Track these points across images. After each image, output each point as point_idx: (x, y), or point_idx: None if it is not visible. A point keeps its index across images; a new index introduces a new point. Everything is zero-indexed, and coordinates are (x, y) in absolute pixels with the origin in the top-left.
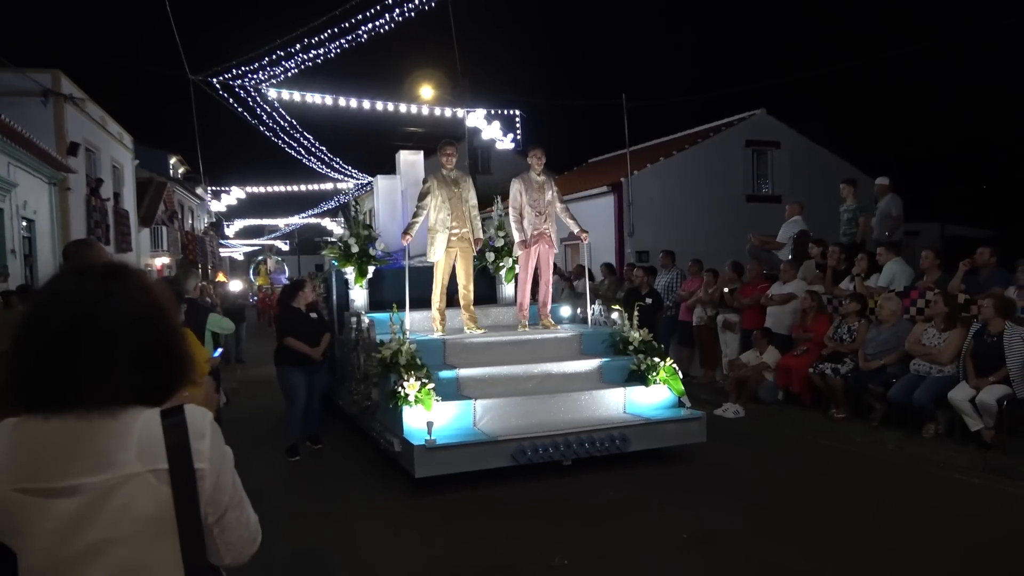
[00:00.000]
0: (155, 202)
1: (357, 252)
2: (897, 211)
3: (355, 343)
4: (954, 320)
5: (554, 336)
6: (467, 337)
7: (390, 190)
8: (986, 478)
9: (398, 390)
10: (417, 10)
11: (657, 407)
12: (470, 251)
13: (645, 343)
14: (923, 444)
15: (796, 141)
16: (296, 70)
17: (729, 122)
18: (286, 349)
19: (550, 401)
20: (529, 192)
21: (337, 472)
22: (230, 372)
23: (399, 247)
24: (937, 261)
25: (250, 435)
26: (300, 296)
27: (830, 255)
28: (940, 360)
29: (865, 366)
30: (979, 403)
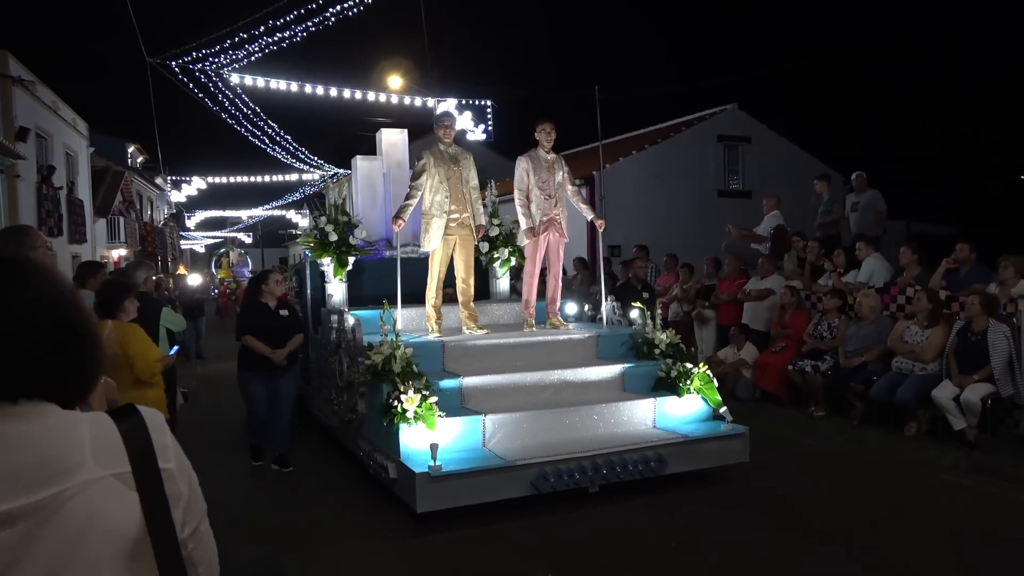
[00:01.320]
0: (112, 192)
1: (335, 241)
2: (881, 207)
3: (336, 345)
4: (937, 317)
5: (568, 338)
6: (468, 339)
7: (370, 172)
8: (971, 478)
9: (394, 404)
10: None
11: (690, 420)
12: (471, 239)
13: (673, 346)
14: (905, 443)
15: (767, 137)
16: (260, 54)
17: (701, 117)
18: (246, 350)
19: (570, 415)
20: (537, 172)
21: (314, 502)
22: (189, 369)
23: (380, 235)
24: (915, 257)
25: (209, 441)
26: (266, 289)
27: (808, 250)
28: (923, 358)
29: (846, 363)
30: (963, 401)
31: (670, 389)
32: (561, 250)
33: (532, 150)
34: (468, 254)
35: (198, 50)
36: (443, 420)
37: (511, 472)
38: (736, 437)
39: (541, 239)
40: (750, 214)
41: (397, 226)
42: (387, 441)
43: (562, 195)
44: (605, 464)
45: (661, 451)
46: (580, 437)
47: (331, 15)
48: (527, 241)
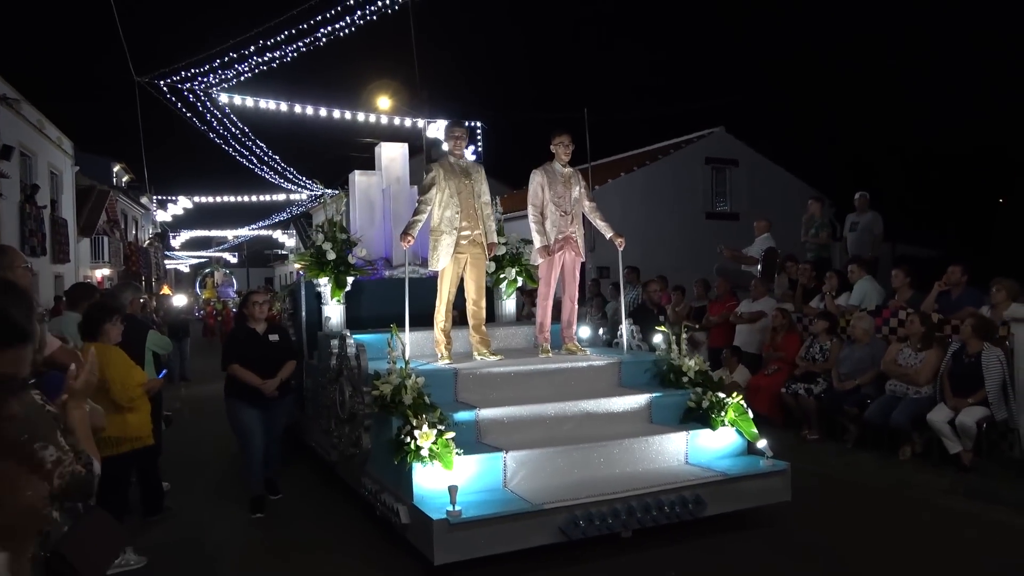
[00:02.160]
0: (96, 211)
1: (333, 260)
2: (879, 229)
3: (337, 372)
4: (930, 340)
5: (588, 365)
6: (482, 366)
7: (368, 188)
8: (968, 502)
9: (406, 441)
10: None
11: (725, 455)
12: (482, 258)
13: (702, 374)
14: (900, 467)
15: (754, 159)
16: (249, 74)
17: (689, 139)
18: (232, 380)
19: (596, 451)
20: (553, 187)
21: (312, 547)
22: (173, 391)
23: (380, 254)
24: (907, 280)
25: (194, 470)
26: (248, 313)
27: (800, 272)
28: (917, 381)
29: (840, 386)
30: (958, 425)
31: (701, 421)
32: (577, 270)
33: (547, 163)
34: (480, 274)
35: (187, 69)
36: (460, 458)
37: (539, 517)
38: (777, 474)
39: (556, 258)
40: (738, 236)
41: (406, 243)
42: (397, 481)
43: (578, 211)
44: (640, 506)
45: (699, 491)
46: (608, 475)
47: (322, 35)
48: (541, 260)
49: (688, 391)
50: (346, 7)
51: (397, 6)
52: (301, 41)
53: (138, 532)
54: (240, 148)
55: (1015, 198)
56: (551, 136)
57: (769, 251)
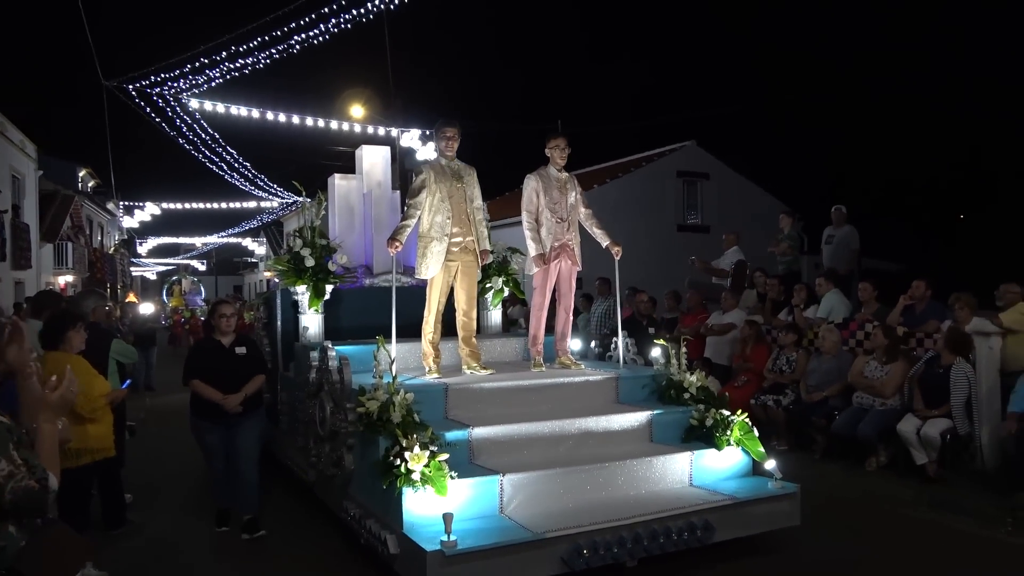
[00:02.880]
0: (60, 216)
1: (312, 267)
2: (855, 243)
3: (317, 387)
4: (895, 353)
5: (585, 380)
6: (473, 381)
7: (348, 193)
8: (933, 512)
9: (395, 463)
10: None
11: (731, 476)
12: (474, 266)
13: (704, 390)
14: (867, 477)
15: (724, 173)
16: (220, 79)
17: (661, 153)
18: (196, 396)
19: (597, 473)
20: (548, 192)
21: (286, 574)
22: (138, 401)
23: (360, 261)
24: (875, 293)
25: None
26: (214, 324)
27: (769, 287)
28: (883, 393)
29: (808, 398)
30: (923, 436)
31: (705, 440)
32: (573, 280)
33: (542, 168)
34: (471, 283)
35: (156, 74)
36: (453, 482)
37: (540, 547)
38: (786, 497)
39: (552, 267)
40: (709, 248)
41: (393, 249)
42: (385, 506)
43: (575, 218)
44: (646, 533)
45: (707, 516)
46: (611, 499)
47: (295, 43)
48: (536, 269)
49: (690, 408)
50: (320, 15)
51: (372, 15)
52: (274, 48)
53: (100, 546)
54: (210, 154)
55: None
56: (546, 139)
57: (739, 264)
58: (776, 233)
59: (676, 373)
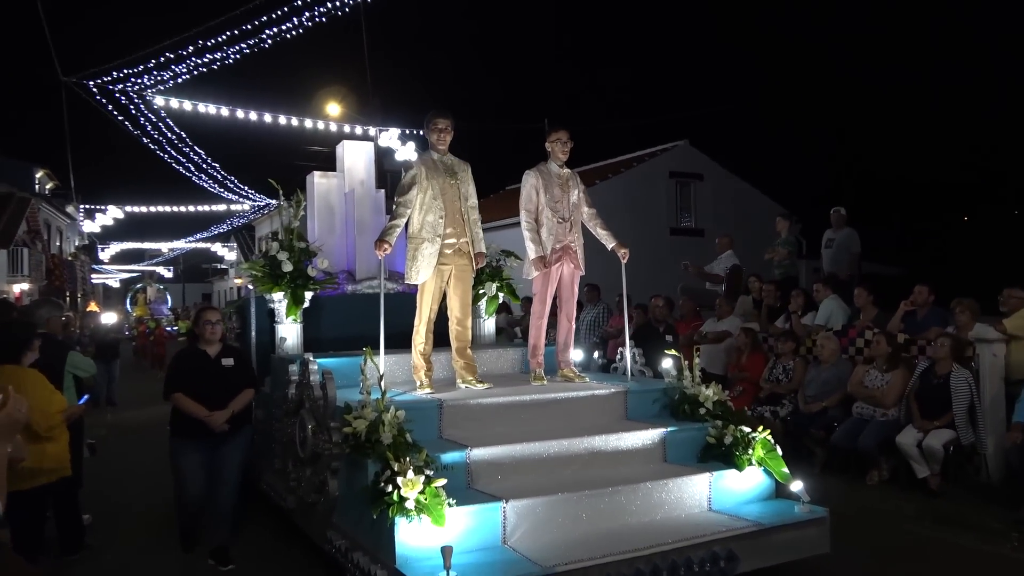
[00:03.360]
0: (15, 220)
1: (290, 272)
2: (856, 247)
3: (296, 404)
4: (896, 361)
5: (591, 394)
6: (469, 396)
7: (328, 192)
8: (937, 528)
9: (387, 490)
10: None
11: (752, 499)
12: (469, 270)
13: (721, 405)
14: (868, 492)
15: (719, 174)
16: (187, 76)
17: (652, 152)
18: (177, 413)
19: (608, 498)
20: (549, 190)
21: None
22: (99, 417)
23: (341, 266)
24: (871, 299)
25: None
26: (199, 333)
27: (764, 292)
28: (884, 403)
29: (806, 408)
30: (925, 448)
31: (724, 460)
32: (576, 285)
33: (541, 164)
34: (466, 289)
35: (119, 69)
36: (451, 509)
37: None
38: (815, 522)
39: (553, 271)
40: (703, 252)
41: (382, 252)
42: (375, 538)
43: (577, 218)
44: (665, 565)
45: (732, 544)
46: (624, 527)
47: (267, 37)
48: (536, 273)
49: (706, 424)
50: (294, 8)
51: (348, 7)
52: (244, 42)
53: (55, 573)
54: (177, 155)
55: (978, 216)
56: (547, 132)
57: (734, 268)
58: (773, 237)
59: (690, 386)
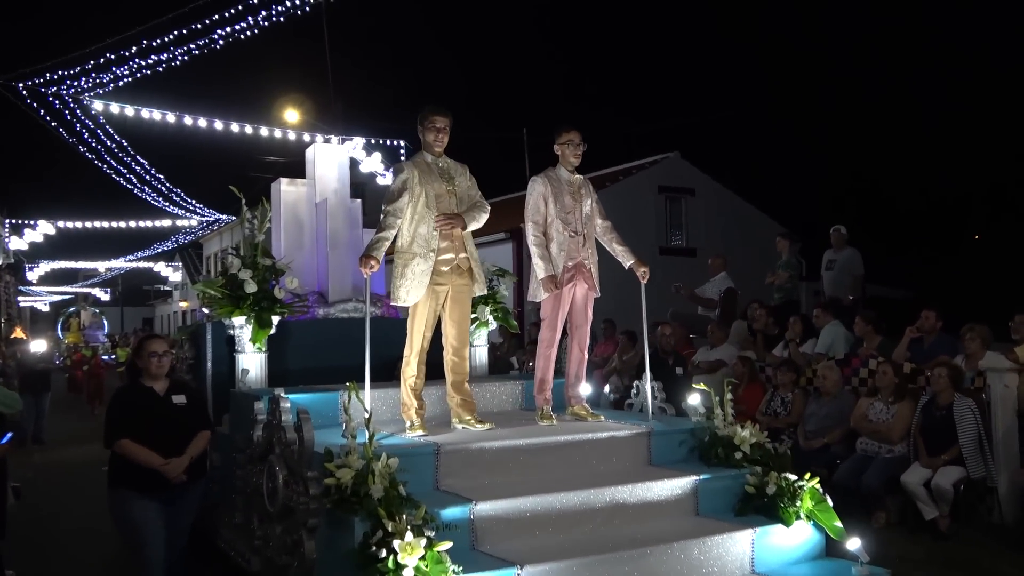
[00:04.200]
0: None
1: (254, 293)
2: (859, 269)
3: (264, 448)
4: (902, 392)
5: (610, 436)
6: (470, 439)
7: (296, 202)
8: (948, 574)
9: (379, 555)
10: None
11: (801, 559)
12: (468, 291)
13: (760, 448)
14: (874, 535)
15: (712, 189)
16: (129, 79)
17: (640, 165)
18: (121, 461)
19: (637, 562)
20: (559, 199)
21: None
22: (25, 457)
23: (311, 287)
24: (870, 327)
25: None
26: (142, 366)
27: (758, 317)
28: (889, 438)
29: (807, 445)
30: (934, 487)
31: (766, 512)
32: (590, 309)
33: (549, 169)
34: (464, 313)
35: (53, 71)
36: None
37: None
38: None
39: (565, 293)
40: (695, 274)
41: (368, 269)
42: None
43: (591, 231)
44: None
45: None
46: None
47: (219, 37)
48: (545, 295)
49: (744, 471)
50: (248, 6)
51: (308, 6)
52: (193, 43)
53: None
54: (117, 165)
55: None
56: (555, 133)
57: (728, 292)
58: (771, 258)
59: (722, 426)
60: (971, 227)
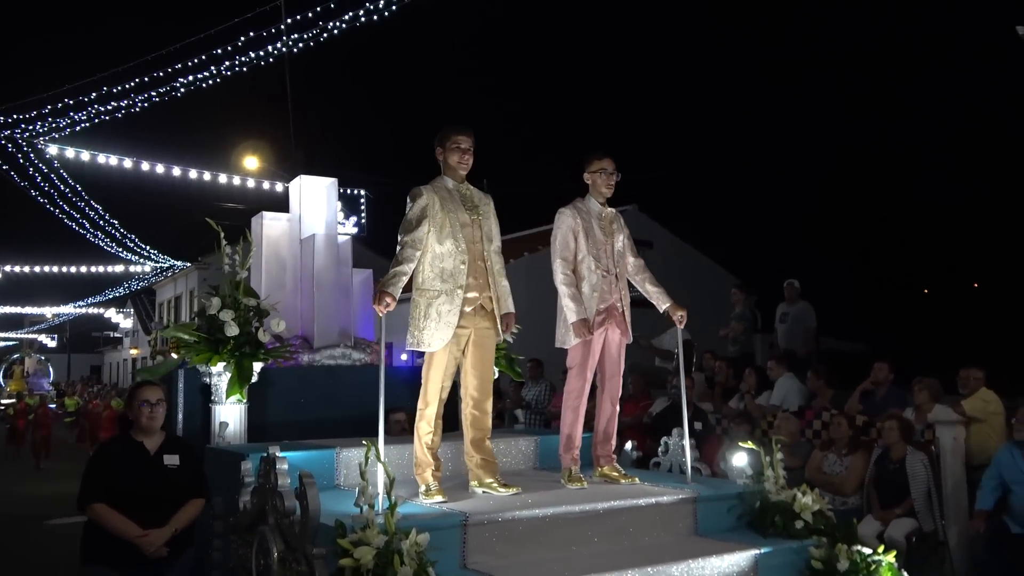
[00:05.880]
0: None
1: (235, 336)
2: (812, 321)
3: (254, 516)
4: (856, 444)
5: (654, 503)
6: (499, 508)
7: (279, 238)
8: None
9: None
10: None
11: None
12: (492, 336)
13: (822, 516)
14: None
15: (669, 241)
16: (87, 124)
17: None
18: (96, 531)
19: None
20: (589, 234)
21: None
22: None
23: (295, 331)
24: (822, 381)
25: None
26: (141, 412)
27: (717, 370)
28: (843, 490)
29: None
30: (887, 539)
31: None
32: (623, 357)
33: (578, 200)
34: (487, 360)
35: (8, 114)
36: None
37: None
38: None
39: (596, 339)
40: (652, 325)
41: (383, 308)
42: None
43: (623, 271)
44: None
45: None
46: None
47: (180, 86)
48: (575, 341)
49: (806, 543)
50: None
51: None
52: (154, 90)
53: None
54: (69, 209)
55: (940, 289)
56: (585, 161)
57: (685, 344)
58: (726, 310)
59: (774, 489)
60: (921, 282)
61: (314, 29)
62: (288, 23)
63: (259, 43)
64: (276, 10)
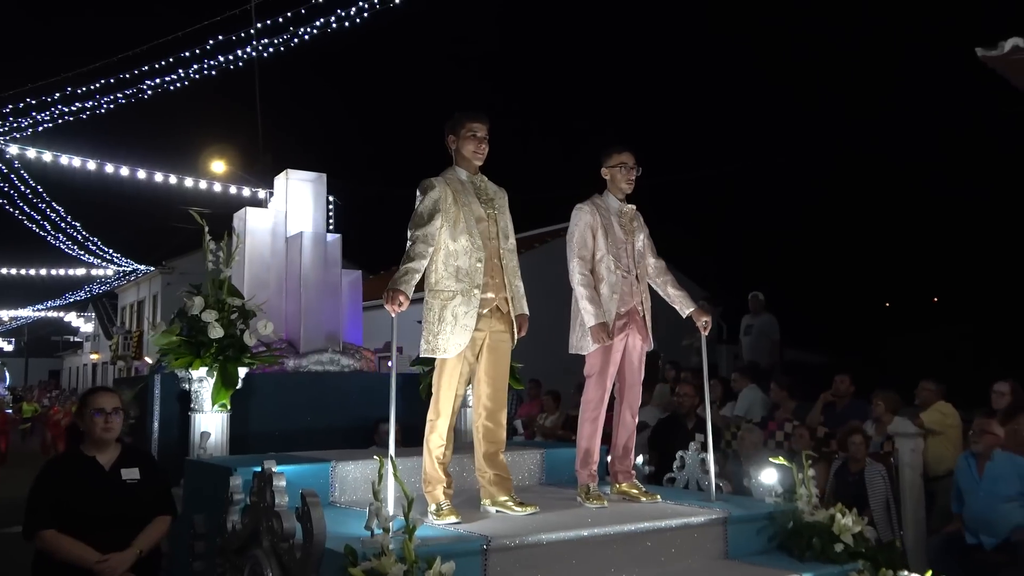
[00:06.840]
0: None
1: (219, 339)
2: (775, 333)
3: (245, 537)
4: (818, 456)
5: (683, 524)
6: (520, 531)
7: (262, 236)
8: None
9: None
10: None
11: None
12: (508, 340)
13: (862, 539)
14: None
15: None
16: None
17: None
18: (46, 560)
19: None
20: (608, 232)
21: None
22: None
23: (280, 334)
24: (784, 392)
25: None
26: (95, 422)
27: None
28: None
29: None
30: None
31: None
32: (643, 364)
33: (596, 196)
34: (503, 365)
35: None
36: None
37: None
38: None
39: (616, 344)
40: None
41: (396, 308)
42: None
43: (643, 272)
44: None
45: None
46: None
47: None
48: (594, 347)
49: (848, 567)
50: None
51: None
52: (121, 92)
53: None
54: (29, 210)
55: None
56: (603, 155)
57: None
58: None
59: (809, 510)
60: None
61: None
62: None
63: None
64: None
